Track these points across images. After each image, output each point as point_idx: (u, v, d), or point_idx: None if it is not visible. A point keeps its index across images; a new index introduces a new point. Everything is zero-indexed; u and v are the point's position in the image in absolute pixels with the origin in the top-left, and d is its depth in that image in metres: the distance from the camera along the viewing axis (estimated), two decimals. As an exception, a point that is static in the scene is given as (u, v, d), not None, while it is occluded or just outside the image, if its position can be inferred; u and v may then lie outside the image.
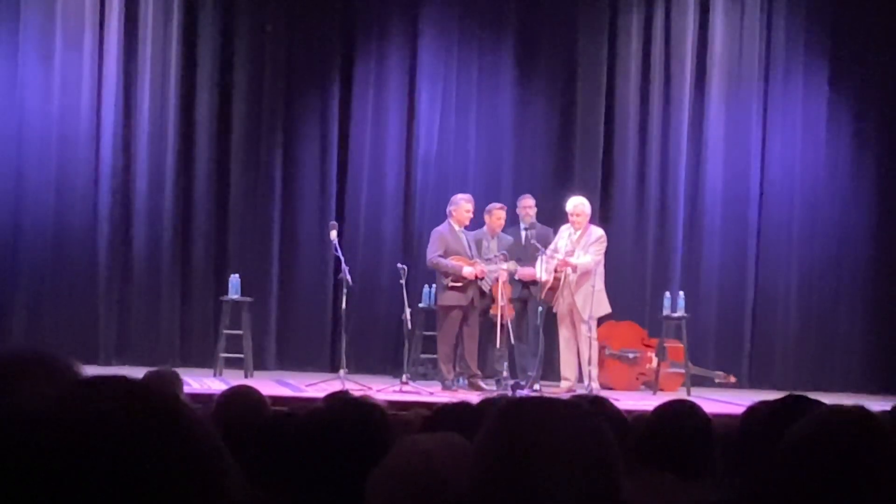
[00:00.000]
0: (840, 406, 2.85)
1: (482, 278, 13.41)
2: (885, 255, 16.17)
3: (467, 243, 13.62)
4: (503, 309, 13.29)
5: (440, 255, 13.52)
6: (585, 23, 16.13)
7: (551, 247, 13.62)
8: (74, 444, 1.19)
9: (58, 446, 1.18)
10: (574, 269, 13.40)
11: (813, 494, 2.57)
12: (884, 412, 5.11)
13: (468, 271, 13.36)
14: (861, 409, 2.69)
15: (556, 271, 13.46)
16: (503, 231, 14.05)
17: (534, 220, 14.13)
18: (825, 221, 16.22)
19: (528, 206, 14.18)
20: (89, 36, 15.13)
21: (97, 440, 1.19)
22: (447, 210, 13.79)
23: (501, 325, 13.19)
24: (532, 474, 2.11)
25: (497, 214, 13.94)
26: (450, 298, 13.51)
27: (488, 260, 13.50)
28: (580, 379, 13.58)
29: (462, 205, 13.67)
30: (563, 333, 13.67)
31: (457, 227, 13.64)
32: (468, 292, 13.48)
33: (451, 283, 13.45)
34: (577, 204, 13.76)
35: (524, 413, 2.20)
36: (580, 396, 4.85)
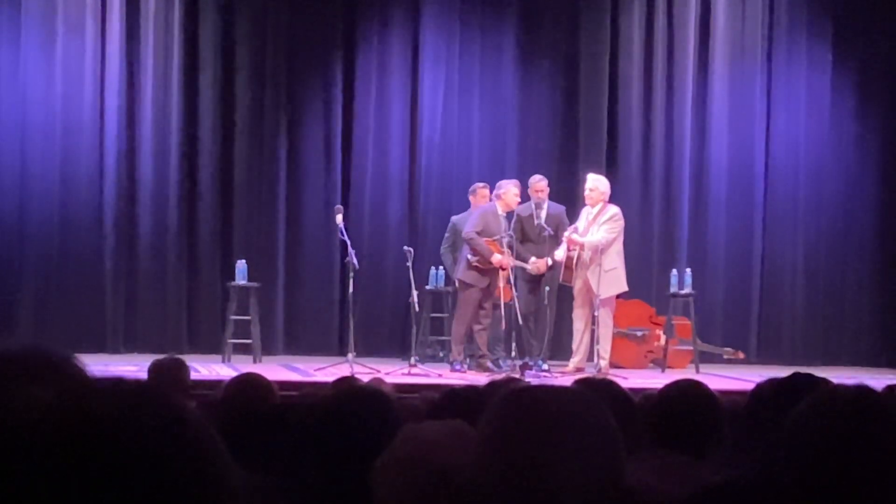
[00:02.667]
0: (842, 385, 2.86)
1: (506, 269, 13.39)
2: (890, 228, 16.17)
3: (504, 229, 13.60)
4: (504, 290, 13.36)
5: (477, 233, 13.50)
6: (587, 2, 16.10)
7: (573, 226, 13.62)
8: (71, 446, 1.19)
9: (55, 448, 1.19)
10: (581, 247, 13.39)
11: (817, 472, 2.58)
12: (889, 387, 5.12)
13: (497, 259, 13.35)
14: (863, 388, 2.70)
15: (568, 249, 13.47)
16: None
17: (545, 200, 14.08)
18: (830, 196, 16.22)
19: (540, 188, 14.12)
20: (91, 21, 15.12)
21: (94, 443, 1.19)
22: (494, 194, 13.72)
23: (500, 306, 13.28)
24: (534, 462, 2.11)
25: (482, 193, 14.03)
26: (470, 277, 13.52)
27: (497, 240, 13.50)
28: (591, 357, 13.57)
29: (510, 189, 13.64)
30: (575, 311, 13.67)
31: (500, 211, 13.60)
32: (487, 276, 13.49)
33: (476, 263, 13.46)
34: (589, 180, 13.77)
35: (526, 401, 2.21)
36: (586, 379, 4.85)
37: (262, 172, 15.61)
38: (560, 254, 13.56)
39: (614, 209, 13.69)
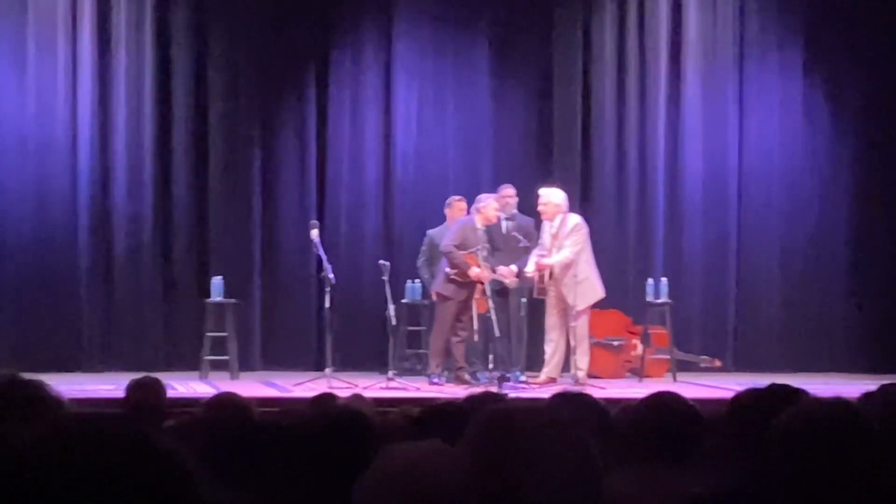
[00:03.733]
0: (821, 398, 2.88)
1: (483, 283, 13.40)
2: (864, 234, 16.22)
3: (482, 244, 13.60)
4: (477, 302, 13.37)
5: (455, 246, 13.51)
6: (560, 12, 16.13)
7: (537, 248, 13.59)
8: (50, 487, 1.19)
9: (33, 489, 1.19)
10: (551, 269, 13.39)
11: (798, 483, 2.59)
12: (866, 395, 5.13)
13: (475, 272, 13.36)
14: (841, 401, 2.71)
15: (539, 270, 13.44)
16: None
17: (515, 210, 14.11)
18: (804, 202, 16.26)
19: (508, 195, 14.14)
20: (62, 41, 15.08)
21: (73, 482, 1.20)
22: (474, 207, 13.72)
23: (475, 316, 13.32)
24: (516, 483, 2.12)
25: (458, 206, 14.04)
26: (448, 289, 13.53)
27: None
28: (567, 368, 13.55)
29: (491, 203, 13.66)
30: (548, 322, 13.63)
31: (479, 225, 13.60)
32: (465, 289, 13.50)
33: (453, 276, 13.47)
34: (542, 195, 13.70)
35: (506, 422, 2.21)
36: (563, 393, 4.85)
37: (236, 188, 15.59)
38: (530, 269, 13.54)
39: (575, 219, 13.64)
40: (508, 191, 14.15)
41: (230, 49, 15.60)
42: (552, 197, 13.63)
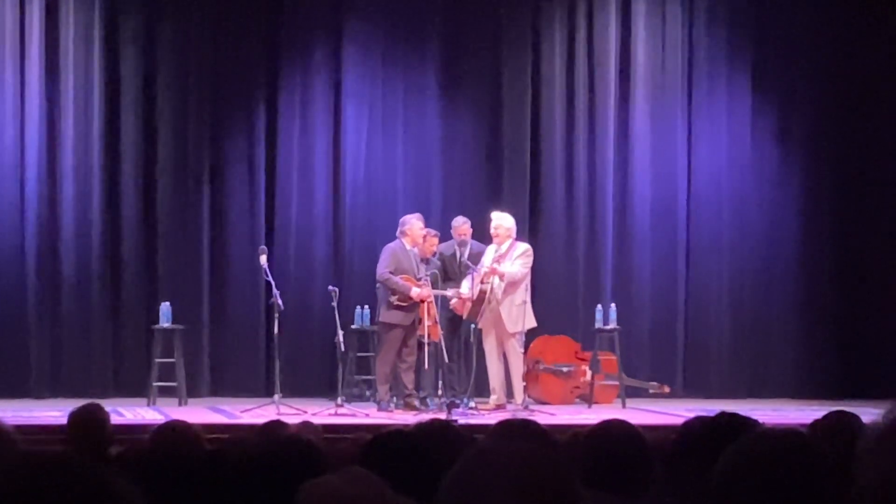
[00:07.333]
0: (772, 428, 2.89)
1: (425, 301, 13.39)
2: (812, 259, 16.31)
3: (416, 263, 13.63)
4: (430, 329, 13.33)
5: (391, 272, 13.51)
6: (509, 40, 16.18)
7: (479, 265, 13.58)
8: None
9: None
10: (501, 276, 13.35)
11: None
12: (814, 422, 5.16)
13: (416, 292, 13.36)
14: (792, 431, 2.72)
15: (482, 282, 13.41)
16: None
17: (468, 239, 14.12)
18: (753, 228, 16.34)
19: (463, 231, 14.15)
20: (10, 70, 14.99)
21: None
22: (399, 230, 13.73)
23: (428, 344, 13.25)
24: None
25: (430, 241, 14.00)
26: (393, 317, 13.52)
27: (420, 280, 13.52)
28: (509, 393, 13.54)
29: (415, 223, 13.67)
30: (489, 348, 13.59)
31: (408, 247, 13.64)
32: (411, 313, 13.49)
33: (397, 302, 13.45)
34: (494, 219, 13.75)
35: (489, 463, 2.19)
36: (508, 421, 4.84)
37: (185, 214, 15.52)
38: (465, 289, 13.53)
39: (526, 245, 13.72)
40: (464, 227, 14.15)
41: (179, 74, 15.56)
42: (504, 221, 13.69)
